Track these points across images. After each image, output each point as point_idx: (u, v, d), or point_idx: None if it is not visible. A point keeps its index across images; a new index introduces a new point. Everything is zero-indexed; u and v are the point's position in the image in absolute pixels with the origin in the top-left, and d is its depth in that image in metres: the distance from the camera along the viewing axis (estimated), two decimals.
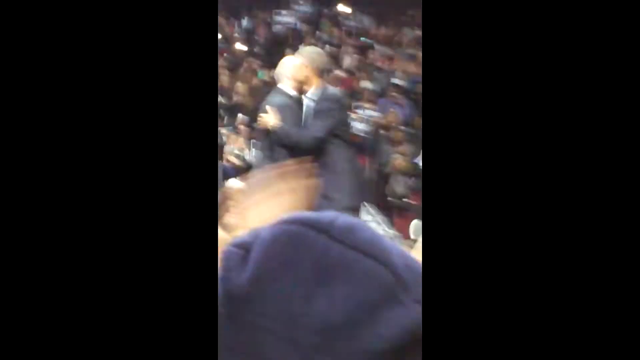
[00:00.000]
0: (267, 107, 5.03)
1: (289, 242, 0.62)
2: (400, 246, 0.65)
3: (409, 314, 0.60)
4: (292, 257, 0.61)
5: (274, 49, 12.90)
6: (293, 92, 5.12)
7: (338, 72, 13.10)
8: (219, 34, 14.57)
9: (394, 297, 0.61)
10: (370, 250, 0.61)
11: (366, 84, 13.10)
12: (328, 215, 0.64)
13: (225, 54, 14.01)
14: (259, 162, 5.24)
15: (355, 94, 12.11)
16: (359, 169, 5.09)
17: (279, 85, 5.24)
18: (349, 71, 13.61)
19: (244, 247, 0.64)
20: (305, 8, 15.69)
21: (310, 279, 0.60)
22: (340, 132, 4.96)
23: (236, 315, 0.61)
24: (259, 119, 5.13)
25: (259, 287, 0.61)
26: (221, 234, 1.28)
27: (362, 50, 14.62)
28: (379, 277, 0.61)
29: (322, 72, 5.12)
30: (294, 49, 14.14)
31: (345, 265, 0.60)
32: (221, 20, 15.08)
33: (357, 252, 0.61)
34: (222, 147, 10.15)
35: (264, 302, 0.60)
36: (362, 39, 15.28)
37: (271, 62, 10.15)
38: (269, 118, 4.98)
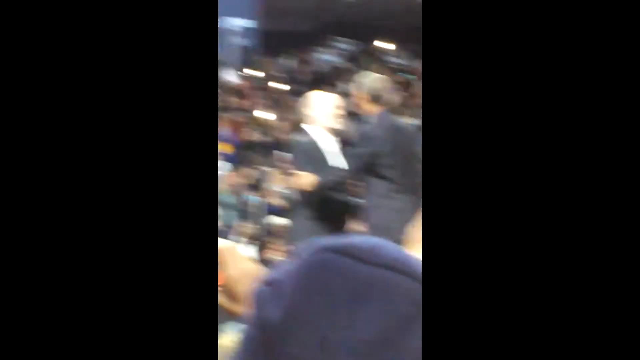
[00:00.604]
0: (298, 172, 4.87)
1: (318, 271, 0.63)
2: (413, 255, 0.67)
3: None
4: (323, 284, 0.62)
5: (315, 87, 12.97)
6: (315, 131, 4.96)
7: None
8: (261, 72, 14.71)
9: None
10: (397, 266, 0.63)
11: (409, 119, 13.07)
12: (350, 239, 0.66)
13: (266, 92, 14.12)
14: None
15: None
16: (397, 205, 4.80)
17: (302, 125, 5.14)
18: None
19: (273, 284, 0.65)
20: (345, 45, 15.79)
21: (343, 303, 0.61)
22: (375, 167, 4.79)
23: (272, 349, 0.63)
24: (293, 182, 4.95)
25: (293, 319, 0.62)
26: (258, 267, 1.28)
27: (404, 85, 14.63)
28: (410, 290, 0.62)
29: (376, 98, 4.85)
30: (335, 86, 14.23)
31: (375, 284, 0.62)
32: (262, 58, 15.24)
33: (385, 269, 0.63)
34: (263, 184, 10.16)
35: (300, 333, 0.62)
36: (403, 74, 15.29)
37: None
38: (303, 179, 4.83)
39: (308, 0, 15.45)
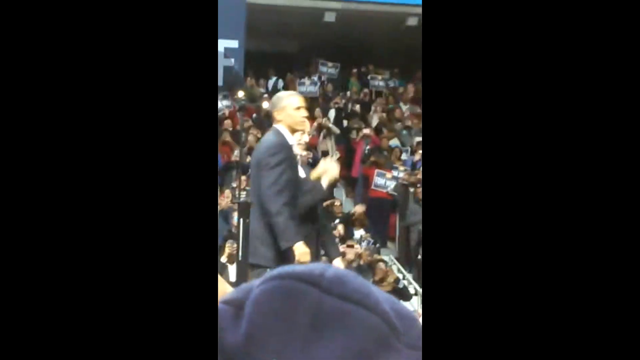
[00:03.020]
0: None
1: (282, 297, 0.63)
2: (387, 294, 0.66)
3: None
4: (286, 311, 0.62)
5: None
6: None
7: (366, 131, 13.17)
8: (246, 94, 14.75)
9: (388, 345, 0.61)
10: (361, 300, 0.63)
11: (394, 142, 13.14)
12: (318, 267, 0.65)
13: (254, 115, 14.15)
14: None
15: (383, 152, 12.17)
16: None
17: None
18: (377, 129, 13.68)
19: (235, 304, 0.65)
20: (332, 70, 15.84)
21: (305, 332, 0.61)
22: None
23: None
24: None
25: (255, 343, 0.62)
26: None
27: (390, 108, 14.70)
28: (372, 326, 0.62)
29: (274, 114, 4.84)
30: (323, 108, 14.28)
31: (338, 316, 0.62)
32: (251, 81, 15.28)
33: (349, 302, 0.63)
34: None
35: (258, 356, 0.61)
36: (390, 106, 15.33)
37: None
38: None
39: (292, 20, 15.51)
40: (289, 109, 4.79)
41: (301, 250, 4.55)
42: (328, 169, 4.93)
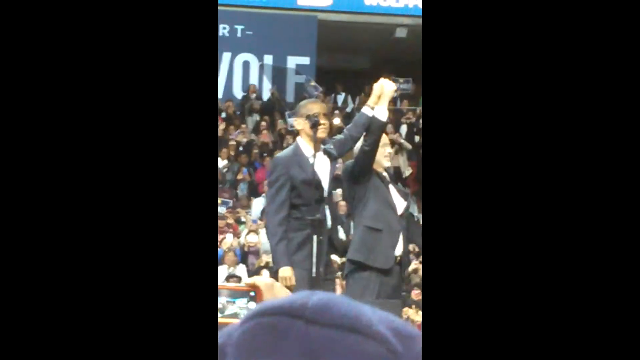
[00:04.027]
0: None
1: (265, 335, 0.58)
2: (380, 310, 0.61)
3: None
4: (271, 349, 0.58)
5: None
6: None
7: None
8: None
9: None
10: (352, 325, 0.58)
11: None
12: (300, 296, 0.60)
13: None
14: None
15: None
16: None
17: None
18: None
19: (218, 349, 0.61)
20: (405, 86, 15.76)
21: None
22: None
23: None
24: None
25: None
26: None
27: None
28: (367, 351, 0.57)
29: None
30: (395, 124, 14.25)
31: (328, 345, 0.57)
32: (322, 97, 15.35)
33: (338, 329, 0.58)
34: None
35: None
36: None
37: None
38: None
39: (363, 36, 15.54)
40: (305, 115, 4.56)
41: (285, 274, 4.27)
42: (383, 90, 4.65)
